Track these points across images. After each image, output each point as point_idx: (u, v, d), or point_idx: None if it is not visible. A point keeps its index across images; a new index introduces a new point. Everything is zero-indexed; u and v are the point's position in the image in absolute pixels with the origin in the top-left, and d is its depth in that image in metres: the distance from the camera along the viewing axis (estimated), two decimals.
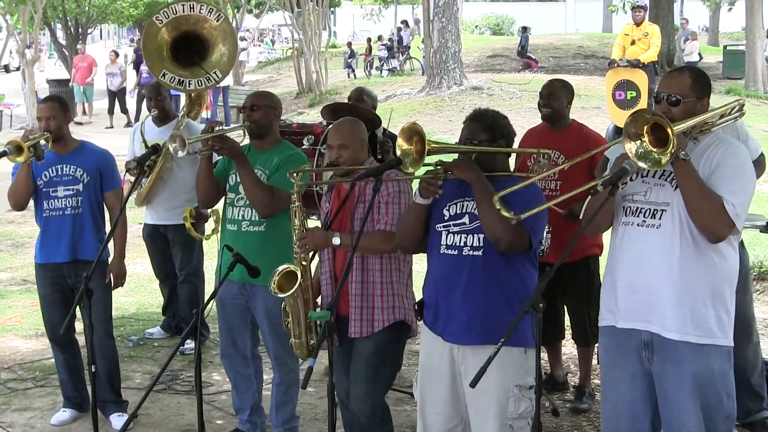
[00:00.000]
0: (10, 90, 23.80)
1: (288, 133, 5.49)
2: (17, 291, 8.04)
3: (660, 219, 3.29)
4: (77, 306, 4.42)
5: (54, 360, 5.32)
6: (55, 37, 31.96)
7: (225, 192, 4.68)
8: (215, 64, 5.72)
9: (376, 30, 37.54)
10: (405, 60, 28.54)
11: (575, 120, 5.35)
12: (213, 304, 4.26)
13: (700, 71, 3.44)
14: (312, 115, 18.11)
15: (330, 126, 5.59)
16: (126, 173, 6.05)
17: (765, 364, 4.85)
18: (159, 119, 6.31)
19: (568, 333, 5.56)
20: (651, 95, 10.32)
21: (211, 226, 5.64)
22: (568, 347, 5.90)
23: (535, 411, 3.15)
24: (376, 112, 5.71)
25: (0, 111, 20.33)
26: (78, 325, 5.17)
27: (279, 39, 49.59)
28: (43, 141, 4.85)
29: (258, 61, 37.26)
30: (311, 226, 4.25)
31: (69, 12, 29.78)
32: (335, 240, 3.96)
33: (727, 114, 3.56)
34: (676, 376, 3.27)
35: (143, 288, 8.01)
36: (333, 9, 44.00)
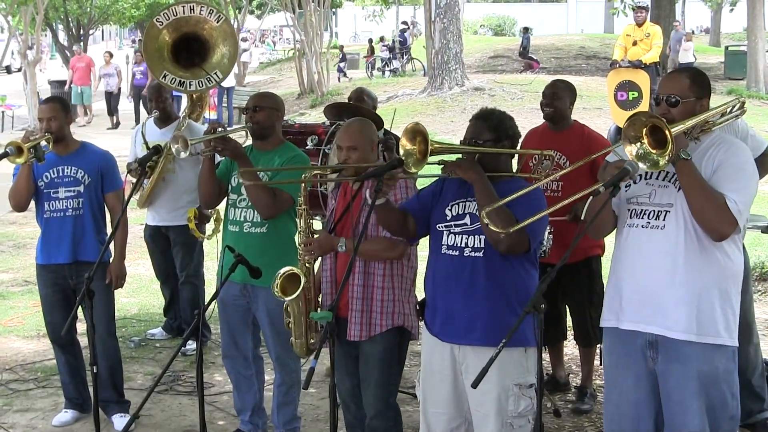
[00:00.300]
0: (11, 91, 23.83)
1: (291, 134, 5.48)
2: (19, 292, 8.05)
3: (664, 220, 3.29)
4: (79, 307, 4.43)
5: (55, 361, 5.32)
6: (57, 39, 31.97)
7: (227, 193, 4.68)
8: (216, 65, 5.73)
9: (377, 31, 37.57)
10: (407, 61, 28.56)
11: (577, 121, 5.35)
12: (214, 304, 4.26)
13: (698, 72, 3.43)
14: (313, 116, 18.13)
15: (334, 125, 5.61)
16: (127, 174, 6.05)
17: (765, 364, 4.85)
18: (160, 121, 6.31)
19: (570, 333, 5.56)
20: (653, 96, 10.30)
21: (212, 226, 5.66)
22: (569, 348, 5.90)
23: (537, 412, 3.15)
24: (376, 112, 5.71)
25: (2, 112, 20.34)
26: (80, 326, 5.18)
27: (280, 40, 49.65)
28: (44, 142, 4.85)
29: (259, 62, 37.26)
30: (316, 227, 4.24)
31: (71, 13, 29.82)
32: (341, 246, 3.98)
33: (728, 112, 3.56)
34: (680, 375, 3.27)
35: (145, 289, 8.01)
36: (334, 10, 44.07)
